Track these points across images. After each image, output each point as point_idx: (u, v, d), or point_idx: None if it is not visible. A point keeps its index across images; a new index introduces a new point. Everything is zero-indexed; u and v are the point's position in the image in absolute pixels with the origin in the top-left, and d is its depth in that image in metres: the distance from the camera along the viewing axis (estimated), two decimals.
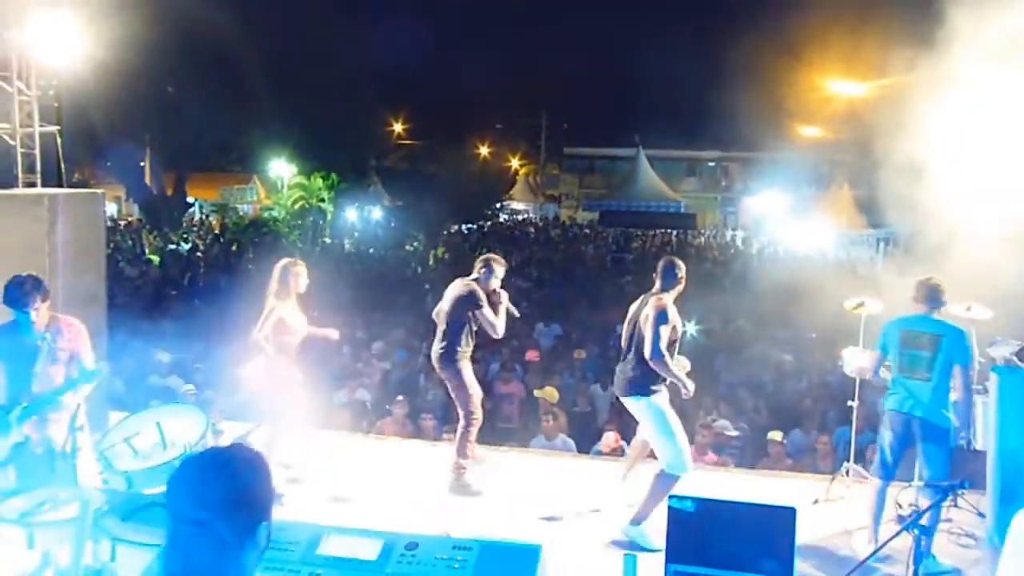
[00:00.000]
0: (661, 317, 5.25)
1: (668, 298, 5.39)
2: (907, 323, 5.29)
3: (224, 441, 4.66)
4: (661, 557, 3.00)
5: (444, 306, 6.19)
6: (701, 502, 2.67)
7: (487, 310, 6.03)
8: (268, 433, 6.00)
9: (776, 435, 7.65)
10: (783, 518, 2.59)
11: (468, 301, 6.05)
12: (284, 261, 6.15)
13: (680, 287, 5.51)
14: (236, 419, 6.92)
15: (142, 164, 31.49)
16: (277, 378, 5.83)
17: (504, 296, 6.22)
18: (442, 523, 4.46)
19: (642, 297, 5.55)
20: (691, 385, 5.36)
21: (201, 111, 24.54)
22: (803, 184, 30.75)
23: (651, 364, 5.22)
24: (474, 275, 6.22)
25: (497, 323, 6.08)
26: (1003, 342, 5.83)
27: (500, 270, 6.21)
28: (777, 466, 7.29)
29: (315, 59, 26.61)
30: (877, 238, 24.35)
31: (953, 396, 5.22)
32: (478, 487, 6.02)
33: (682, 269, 5.51)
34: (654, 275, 5.56)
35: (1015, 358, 5.58)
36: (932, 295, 5.23)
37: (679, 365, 5.47)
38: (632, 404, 5.47)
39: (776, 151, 34.71)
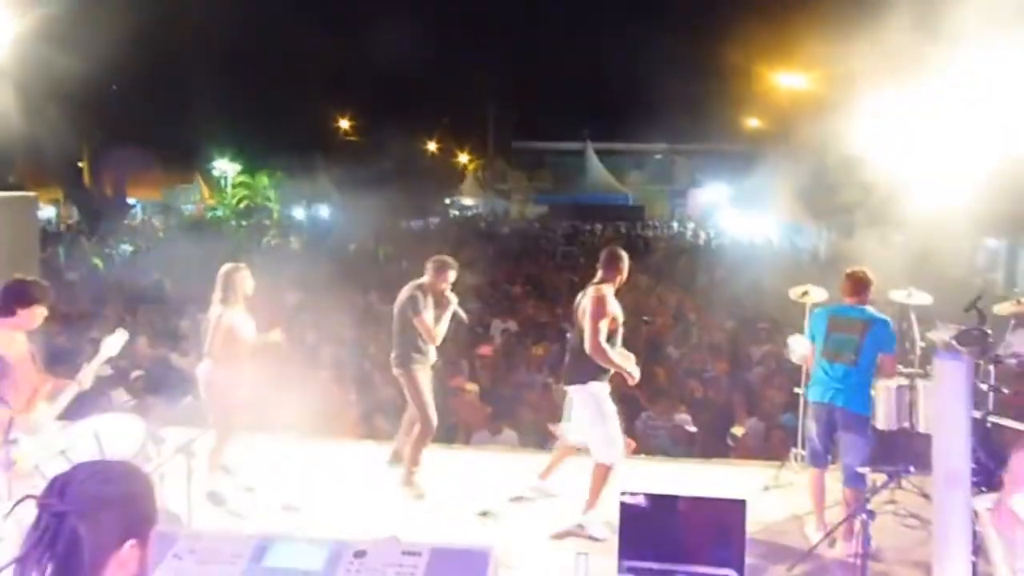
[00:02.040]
0: (599, 308, 5.27)
1: (608, 288, 5.41)
2: (835, 310, 5.42)
3: (167, 449, 4.51)
4: (614, 553, 3.00)
5: (395, 311, 6.15)
6: (652, 497, 2.67)
7: (423, 316, 5.96)
8: (215, 439, 5.87)
9: (738, 430, 7.72)
10: (733, 510, 2.59)
11: (407, 307, 6.00)
12: (227, 266, 6.01)
13: (622, 276, 5.53)
14: (180, 424, 6.71)
15: (80, 165, 30.60)
16: (225, 384, 5.70)
17: (453, 300, 6.18)
18: (392, 528, 4.40)
19: (586, 288, 5.57)
20: (636, 372, 5.40)
21: (143, 110, 23.96)
22: (748, 176, 31.20)
23: (592, 356, 5.24)
24: (425, 277, 6.15)
25: (434, 330, 6.03)
26: (942, 327, 5.96)
27: (451, 272, 6.16)
28: (744, 456, 7.36)
29: (259, 56, 26.19)
30: (819, 228, 24.83)
31: (890, 382, 5.34)
32: (425, 490, 5.97)
33: (624, 259, 5.53)
34: (597, 265, 5.58)
35: (954, 342, 5.71)
36: (859, 286, 5.34)
37: (622, 355, 5.48)
38: (574, 392, 5.50)
39: (722, 143, 35.24)
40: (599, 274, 5.51)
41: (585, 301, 5.40)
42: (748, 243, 26.65)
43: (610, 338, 5.37)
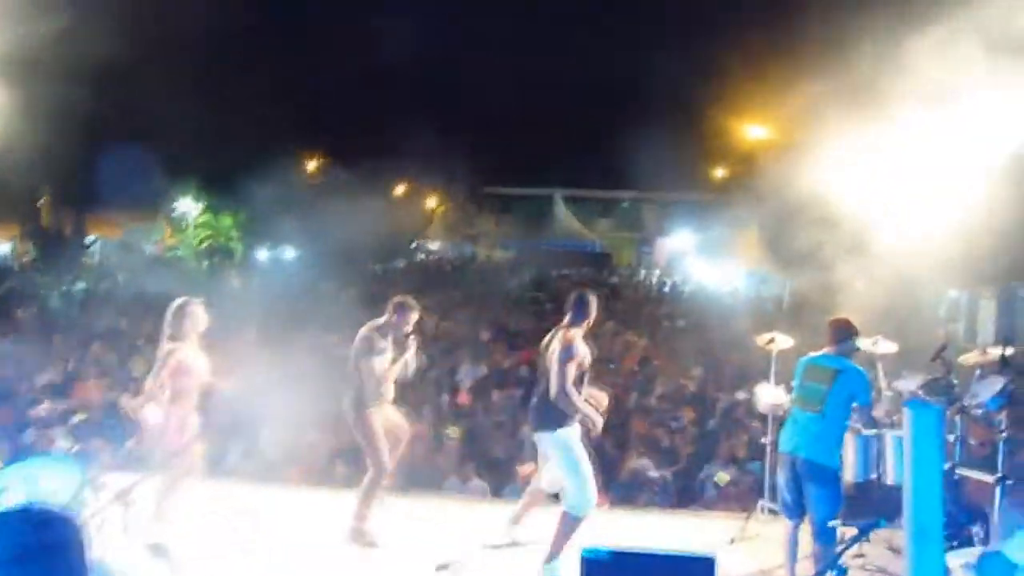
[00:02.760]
0: (567, 352, 5.15)
1: (576, 332, 5.28)
2: (812, 360, 5.33)
3: (105, 496, 4.23)
4: None
5: (351, 353, 5.96)
6: (615, 553, 2.49)
7: (373, 360, 5.76)
8: (160, 483, 5.57)
9: (724, 476, 7.54)
10: (701, 568, 2.42)
11: (361, 348, 5.80)
12: (179, 301, 5.81)
13: (590, 320, 5.40)
14: (124, 470, 6.38)
15: (39, 203, 30.05)
16: (172, 426, 5.44)
17: (412, 343, 6.00)
18: None
19: (553, 330, 5.43)
20: (599, 421, 5.26)
21: (102, 147, 23.62)
22: (715, 224, 31.54)
23: (557, 400, 5.09)
24: (384, 317, 5.97)
25: (386, 374, 5.83)
26: (908, 376, 5.91)
27: (412, 314, 5.98)
28: (712, 506, 7.21)
29: (225, 93, 26.03)
30: (784, 277, 25.02)
31: (851, 434, 5.23)
32: (377, 537, 5.71)
33: (593, 303, 5.42)
34: (565, 309, 5.45)
35: (921, 392, 5.65)
36: (838, 333, 5.27)
37: (596, 399, 5.36)
38: (540, 438, 5.33)
39: (689, 192, 35.66)
40: (567, 317, 5.39)
41: (554, 344, 5.27)
42: (714, 291, 26.78)
43: (577, 381, 5.23)
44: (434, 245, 42.51)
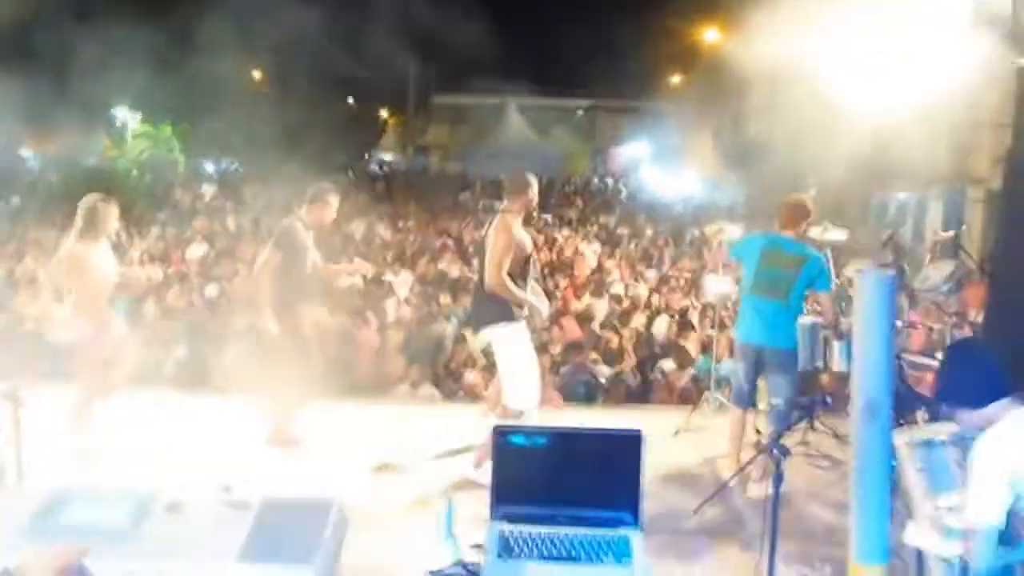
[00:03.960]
0: (504, 237, 4.81)
1: (514, 218, 4.95)
2: (771, 242, 5.09)
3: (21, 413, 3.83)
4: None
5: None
6: (530, 433, 2.28)
7: (296, 255, 5.39)
8: (78, 394, 5.27)
9: (668, 364, 7.46)
10: (628, 444, 2.22)
11: (279, 239, 5.38)
12: (91, 196, 5.41)
13: (530, 201, 5.04)
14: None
15: None
16: (84, 329, 5.10)
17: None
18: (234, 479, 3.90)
19: (491, 218, 5.11)
20: (544, 309, 5.00)
21: (39, 59, 22.35)
22: (670, 133, 31.20)
23: (493, 289, 4.79)
24: (303, 209, 5.59)
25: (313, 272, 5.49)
26: (857, 264, 5.77)
27: (331, 197, 5.59)
28: (664, 398, 7.14)
29: (165, 1, 24.66)
30: (738, 183, 24.95)
31: (807, 320, 5.10)
32: (298, 438, 5.47)
33: (532, 183, 5.04)
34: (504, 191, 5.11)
35: None
36: (797, 214, 5.05)
37: (536, 293, 5.07)
38: (485, 333, 5.06)
39: (644, 100, 35.16)
40: (504, 201, 5.05)
41: (491, 230, 4.94)
42: (668, 198, 26.62)
43: (521, 273, 4.93)
44: (387, 156, 41.56)
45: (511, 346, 4.93)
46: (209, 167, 31.50)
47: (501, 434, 2.29)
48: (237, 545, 1.95)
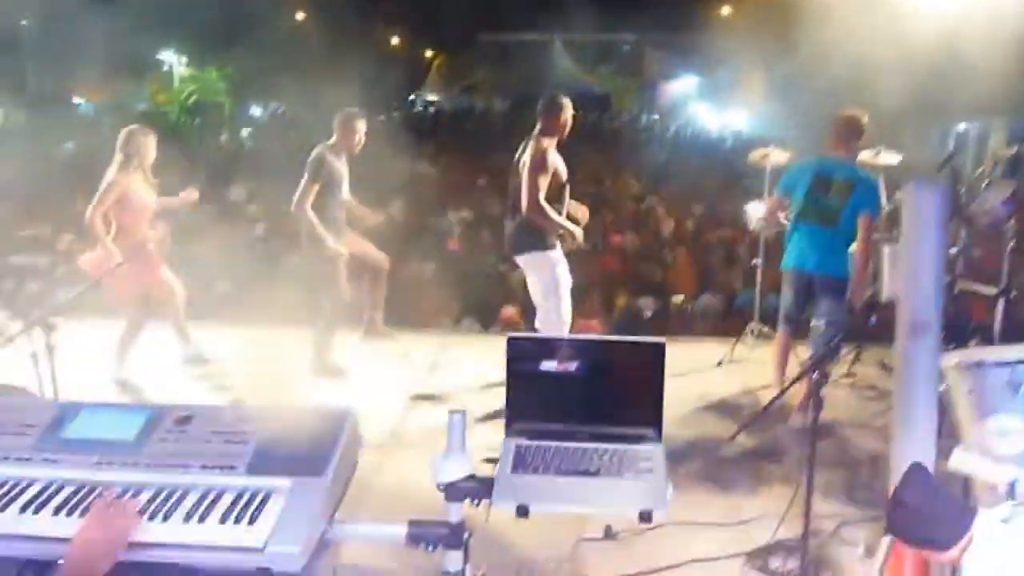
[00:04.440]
0: (537, 162, 4.69)
1: (548, 141, 4.82)
2: (820, 166, 4.82)
3: (57, 337, 3.86)
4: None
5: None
6: (546, 341, 2.19)
7: (302, 183, 5.30)
8: (125, 326, 5.35)
9: (677, 298, 7.35)
10: (648, 354, 2.10)
11: (310, 168, 5.34)
12: (129, 128, 5.44)
13: (563, 126, 4.91)
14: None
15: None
16: (126, 259, 5.12)
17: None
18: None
19: (524, 142, 4.97)
20: (579, 233, 4.89)
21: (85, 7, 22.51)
22: (719, 66, 30.26)
23: (528, 215, 4.69)
24: (334, 136, 5.53)
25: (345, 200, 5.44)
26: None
27: (359, 123, 5.50)
28: (707, 331, 7.03)
29: None
30: (791, 119, 24.19)
31: (855, 246, 4.89)
32: (341, 368, 5.52)
33: (566, 107, 4.91)
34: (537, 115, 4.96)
35: None
36: (850, 132, 4.77)
37: (578, 211, 4.95)
38: (520, 261, 4.98)
39: (692, 34, 34.09)
40: (538, 126, 4.91)
41: (524, 156, 4.81)
42: (717, 135, 25.98)
43: (558, 198, 4.82)
44: (432, 97, 41.17)
45: (543, 272, 4.85)
46: (256, 110, 31.61)
47: (515, 344, 2.21)
48: (247, 457, 1.91)
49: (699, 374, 5.64)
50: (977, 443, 2.87)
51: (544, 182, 4.68)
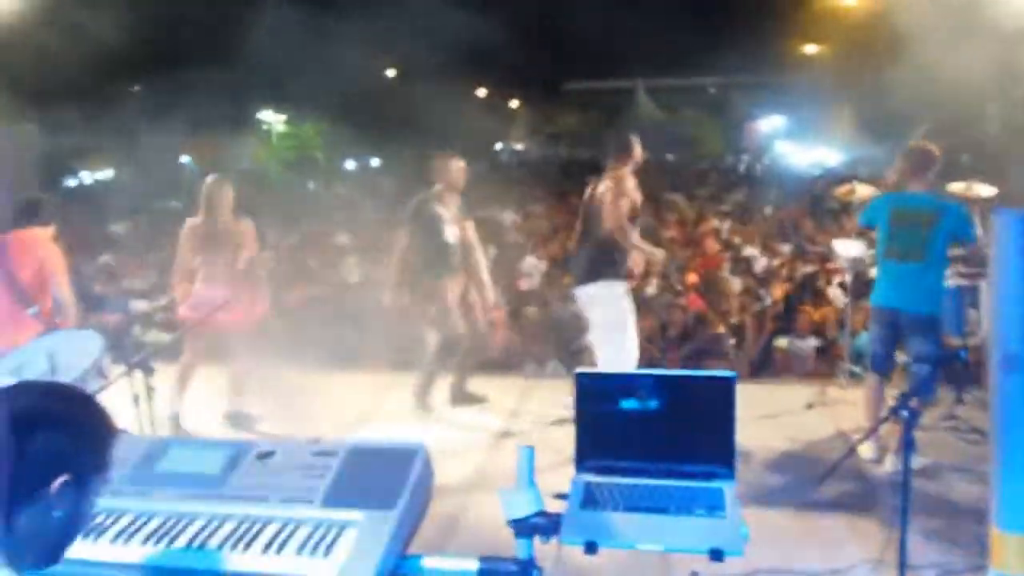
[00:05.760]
0: (619, 187, 4.81)
1: (624, 170, 4.93)
2: (896, 200, 4.71)
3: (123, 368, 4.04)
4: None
5: (414, 226, 5.69)
6: (615, 378, 2.17)
7: (434, 227, 5.46)
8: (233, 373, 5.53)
9: (781, 342, 7.18)
10: (720, 389, 2.07)
11: (429, 221, 5.53)
12: (210, 177, 5.73)
13: (635, 159, 5.05)
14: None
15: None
16: (203, 297, 5.32)
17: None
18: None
19: (596, 179, 5.09)
20: (659, 253, 4.95)
21: (186, 69, 23.94)
22: (806, 106, 29.80)
23: (614, 235, 4.74)
24: (436, 184, 5.72)
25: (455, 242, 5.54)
26: None
27: (455, 163, 5.70)
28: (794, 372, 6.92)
29: (300, 4, 25.80)
30: (883, 154, 23.58)
31: (950, 283, 4.71)
32: (433, 405, 5.65)
33: (635, 141, 5.05)
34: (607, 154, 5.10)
35: None
36: (921, 162, 4.64)
37: (650, 253, 5.01)
38: (584, 292, 5.00)
39: (777, 74, 33.72)
40: (611, 161, 5.05)
41: (601, 186, 4.93)
42: (805, 171, 25.45)
43: (630, 221, 4.91)
44: (518, 146, 41.83)
45: (611, 305, 4.86)
46: (350, 164, 32.74)
47: (584, 380, 2.21)
48: (323, 490, 1.98)
49: (789, 416, 5.49)
50: None
51: (626, 206, 4.78)
